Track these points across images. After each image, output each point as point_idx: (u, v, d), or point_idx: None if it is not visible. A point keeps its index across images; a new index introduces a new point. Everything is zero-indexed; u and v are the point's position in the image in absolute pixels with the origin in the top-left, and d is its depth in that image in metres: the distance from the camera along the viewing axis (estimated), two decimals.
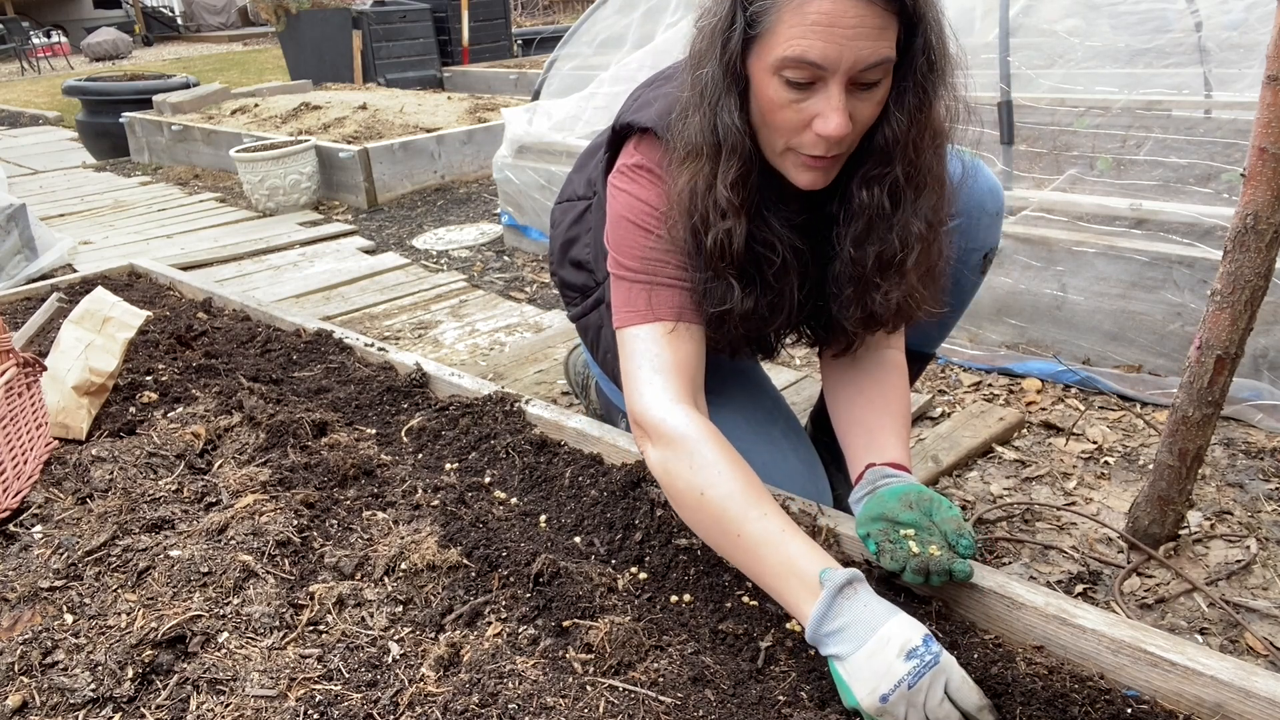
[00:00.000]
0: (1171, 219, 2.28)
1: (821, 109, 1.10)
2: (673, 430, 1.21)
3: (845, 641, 1.04)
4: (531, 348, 2.91)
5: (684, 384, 1.27)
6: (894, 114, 1.16)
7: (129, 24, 20.73)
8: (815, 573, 1.08)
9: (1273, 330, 2.09)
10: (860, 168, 1.22)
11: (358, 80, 9.30)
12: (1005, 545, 1.79)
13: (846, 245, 1.27)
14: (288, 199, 4.99)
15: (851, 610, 1.05)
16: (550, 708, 1.04)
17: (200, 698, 1.08)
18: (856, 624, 1.04)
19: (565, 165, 3.66)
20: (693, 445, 1.20)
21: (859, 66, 1.07)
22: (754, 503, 1.16)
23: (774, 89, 1.12)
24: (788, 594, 1.11)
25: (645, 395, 1.26)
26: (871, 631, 1.03)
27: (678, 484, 1.21)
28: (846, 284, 1.31)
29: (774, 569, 1.12)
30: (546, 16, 17.28)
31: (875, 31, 1.06)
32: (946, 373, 2.55)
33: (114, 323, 1.88)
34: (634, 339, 1.30)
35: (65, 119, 9.32)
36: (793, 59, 1.07)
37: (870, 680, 1.01)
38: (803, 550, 1.12)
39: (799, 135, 1.15)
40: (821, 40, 1.05)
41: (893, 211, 1.23)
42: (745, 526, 1.14)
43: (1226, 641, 1.51)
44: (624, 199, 1.32)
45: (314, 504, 1.48)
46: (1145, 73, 3.50)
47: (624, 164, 1.34)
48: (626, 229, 1.31)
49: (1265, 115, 1.38)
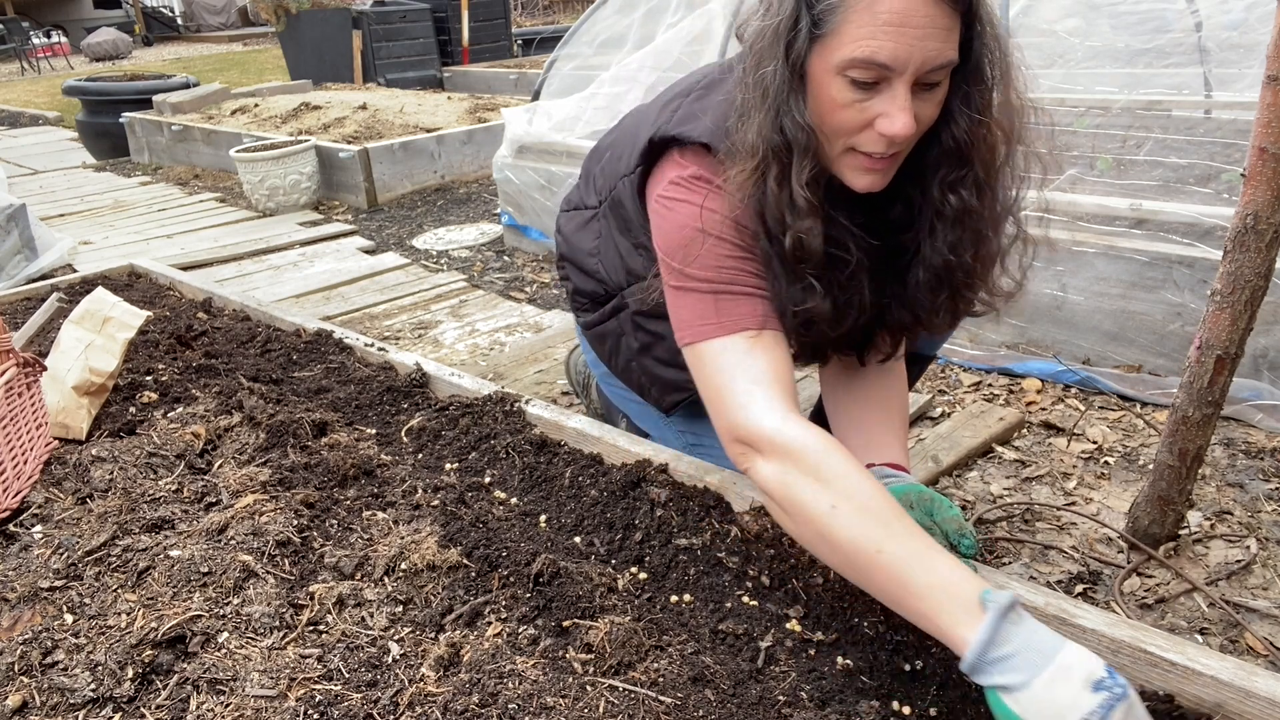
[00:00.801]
0: (1171, 219, 2.28)
1: (886, 109, 1.09)
2: (791, 441, 1.13)
3: (1016, 670, 0.94)
4: (531, 348, 2.91)
5: (786, 393, 1.19)
6: (960, 113, 1.15)
7: (129, 24, 20.73)
8: (974, 594, 0.99)
9: (1273, 330, 2.09)
10: (936, 173, 1.20)
11: (358, 80, 9.30)
12: (1005, 545, 1.79)
13: (940, 250, 1.24)
14: (288, 199, 4.99)
15: (1020, 635, 0.96)
16: (550, 708, 1.04)
17: (200, 698, 1.08)
18: (1028, 650, 0.94)
19: (565, 165, 3.66)
20: (818, 456, 1.11)
21: (927, 67, 1.07)
22: (896, 516, 1.07)
23: (837, 89, 1.10)
24: (941, 617, 1.00)
25: (750, 408, 1.17)
26: (1048, 659, 0.93)
27: (802, 498, 1.11)
28: (938, 289, 1.28)
29: (924, 590, 1.02)
30: (546, 16, 17.28)
31: (943, 32, 1.06)
32: (946, 373, 2.55)
33: (114, 323, 1.88)
34: (718, 352, 1.22)
35: (65, 119, 9.32)
36: (862, 60, 1.06)
37: (1051, 713, 0.91)
38: (954, 569, 1.02)
39: (860, 135, 1.13)
40: (892, 41, 1.04)
41: (983, 210, 1.22)
42: (888, 543, 1.04)
43: (1226, 641, 1.51)
44: (687, 210, 1.26)
45: (314, 504, 1.48)
46: (1145, 73, 3.50)
47: (679, 175, 1.28)
48: (697, 239, 1.24)
49: (1265, 115, 1.38)
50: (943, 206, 1.22)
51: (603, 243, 1.59)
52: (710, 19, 3.66)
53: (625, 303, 1.58)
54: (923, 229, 1.25)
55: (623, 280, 1.56)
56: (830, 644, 1.21)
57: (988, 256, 1.27)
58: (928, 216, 1.24)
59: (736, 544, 1.37)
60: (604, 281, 1.62)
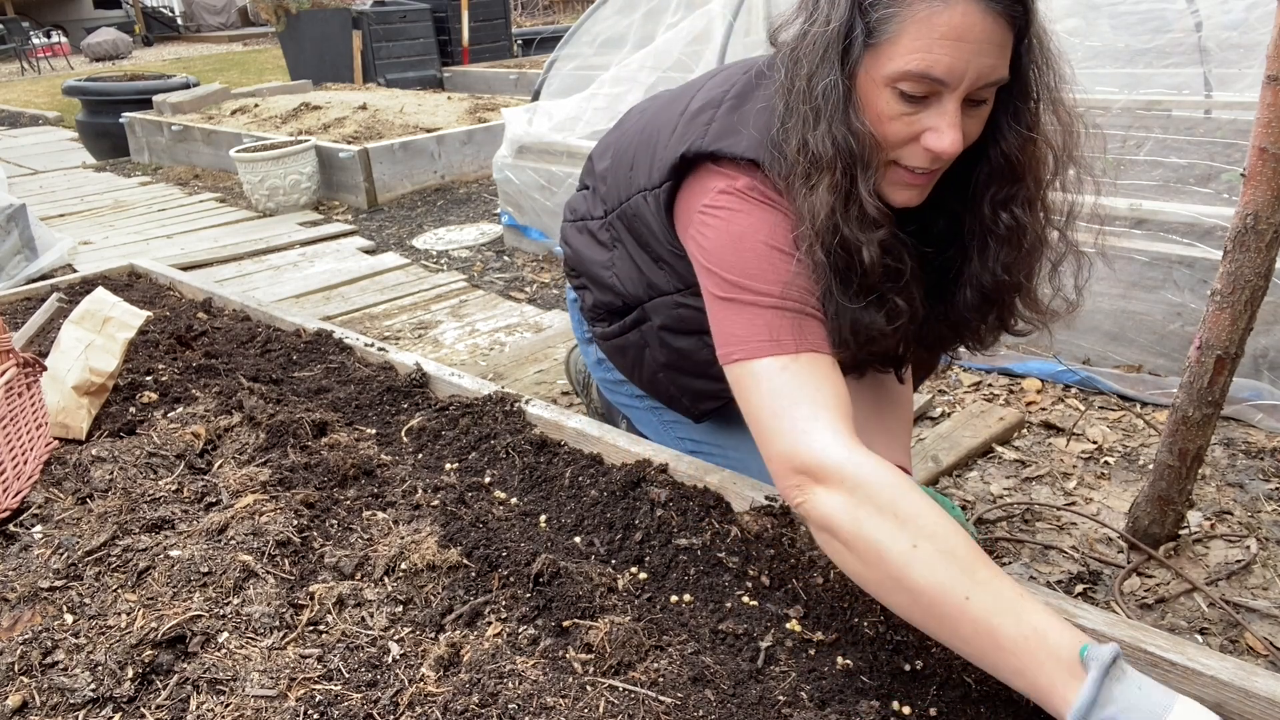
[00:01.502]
0: (1171, 219, 2.28)
1: (935, 124, 1.06)
2: (863, 473, 1.03)
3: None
4: (531, 348, 2.91)
5: (850, 421, 1.11)
6: (1009, 129, 1.13)
7: (129, 24, 20.73)
8: (1074, 649, 0.91)
9: (1273, 330, 2.09)
10: (987, 191, 1.18)
11: (358, 80, 9.30)
12: (1005, 545, 1.79)
13: (991, 269, 1.21)
14: (288, 199, 4.99)
15: (1126, 695, 0.89)
16: (550, 708, 1.04)
17: (200, 698, 1.08)
18: (1134, 710, 0.88)
19: (565, 165, 3.66)
20: (894, 492, 1.02)
21: (980, 83, 1.04)
22: (982, 561, 0.98)
23: (885, 101, 1.07)
24: (1037, 674, 0.92)
25: (813, 434, 1.08)
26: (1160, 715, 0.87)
27: (876, 536, 1.01)
28: (984, 309, 1.26)
29: (1017, 643, 0.93)
30: (546, 16, 17.29)
31: (998, 49, 1.04)
32: (946, 373, 2.55)
33: (114, 323, 1.88)
34: (775, 373, 1.13)
35: (65, 119, 9.33)
36: (917, 73, 1.03)
37: None
38: (1048, 620, 0.94)
39: (904, 149, 1.11)
40: (949, 55, 1.01)
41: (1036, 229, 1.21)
42: (974, 591, 0.95)
43: (1226, 641, 1.51)
44: (746, 220, 1.19)
45: (314, 504, 1.48)
46: (1145, 73, 3.50)
47: (731, 186, 1.22)
48: (761, 251, 1.17)
49: (1265, 115, 1.38)
50: (995, 225, 1.18)
51: (617, 255, 1.54)
52: (710, 19, 3.66)
53: (646, 316, 1.53)
54: (971, 247, 1.23)
55: (642, 293, 1.51)
56: (830, 644, 1.21)
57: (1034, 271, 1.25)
58: (977, 234, 1.21)
59: (736, 544, 1.37)
60: (621, 294, 1.56)
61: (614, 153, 1.53)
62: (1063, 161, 1.19)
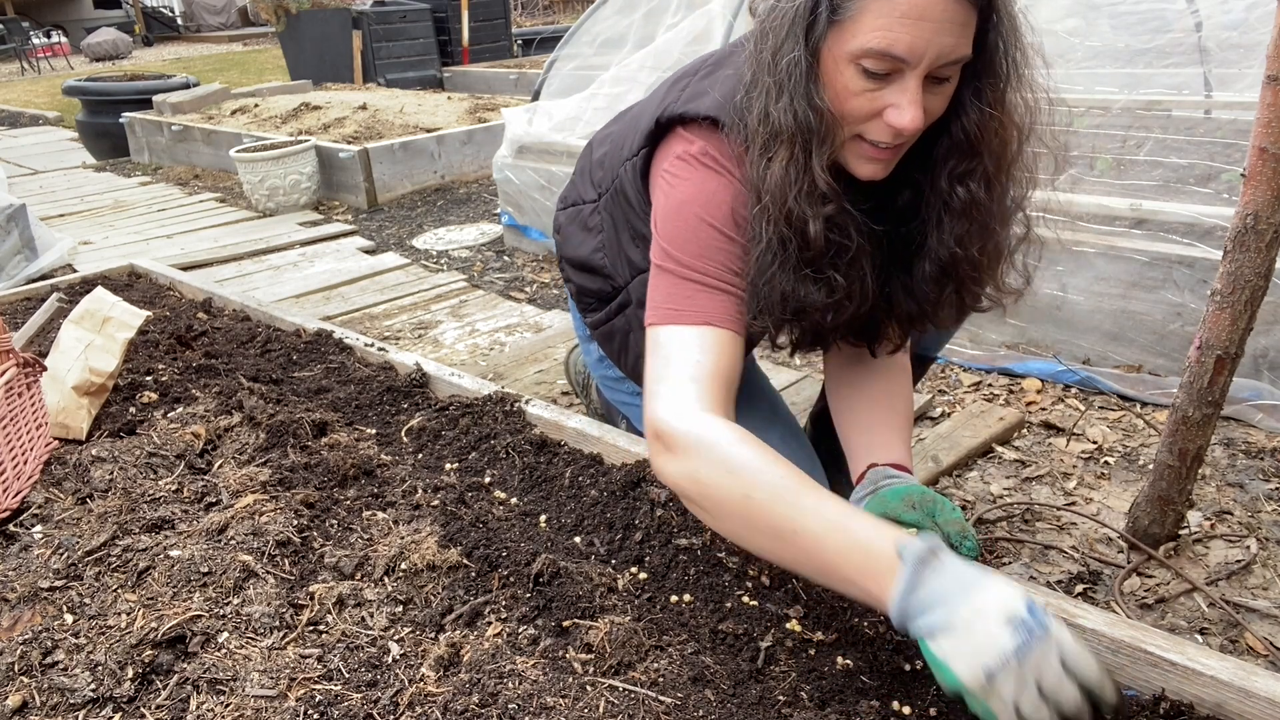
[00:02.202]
0: (1171, 219, 2.28)
1: (897, 100, 1.08)
2: (699, 437, 1.11)
3: (936, 614, 0.93)
4: (531, 348, 2.91)
5: (719, 396, 1.17)
6: (971, 106, 1.14)
7: (129, 24, 20.73)
8: (891, 548, 0.97)
9: (1273, 330, 2.09)
10: (946, 164, 1.20)
11: (358, 80, 9.30)
12: (1005, 545, 1.79)
13: (946, 243, 1.23)
14: (288, 199, 4.99)
15: (939, 580, 0.94)
16: (550, 708, 1.04)
17: (200, 698, 1.08)
18: (947, 593, 0.93)
19: (566, 165, 3.66)
20: (726, 449, 1.09)
21: (940, 61, 1.06)
22: (806, 491, 1.05)
23: (849, 77, 1.09)
24: (863, 579, 0.99)
25: (672, 403, 1.15)
26: (965, 599, 0.92)
27: (715, 493, 1.09)
28: (942, 282, 1.27)
29: (842, 554, 1.00)
30: (546, 16, 17.29)
31: (960, 27, 1.06)
32: (946, 373, 2.55)
33: (114, 323, 1.88)
34: (670, 340, 1.20)
35: (65, 119, 9.32)
36: (878, 50, 1.05)
37: (971, 655, 0.90)
38: (872, 528, 1.01)
39: (867, 124, 1.13)
40: (909, 34, 1.03)
41: (991, 204, 1.21)
42: (802, 519, 1.03)
43: (1226, 641, 1.51)
44: (688, 188, 1.23)
45: (314, 504, 1.48)
46: (1145, 73, 3.50)
47: (685, 151, 1.25)
48: (690, 221, 1.22)
49: (1265, 115, 1.38)
50: (950, 199, 1.20)
51: (606, 237, 1.57)
52: (710, 19, 3.66)
53: (630, 298, 1.55)
54: (930, 220, 1.24)
55: (627, 274, 1.54)
56: (830, 644, 1.21)
57: (995, 251, 1.26)
58: (935, 208, 1.23)
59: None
60: (610, 277, 1.59)
61: (612, 139, 1.56)
62: (1024, 140, 1.21)
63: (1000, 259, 1.28)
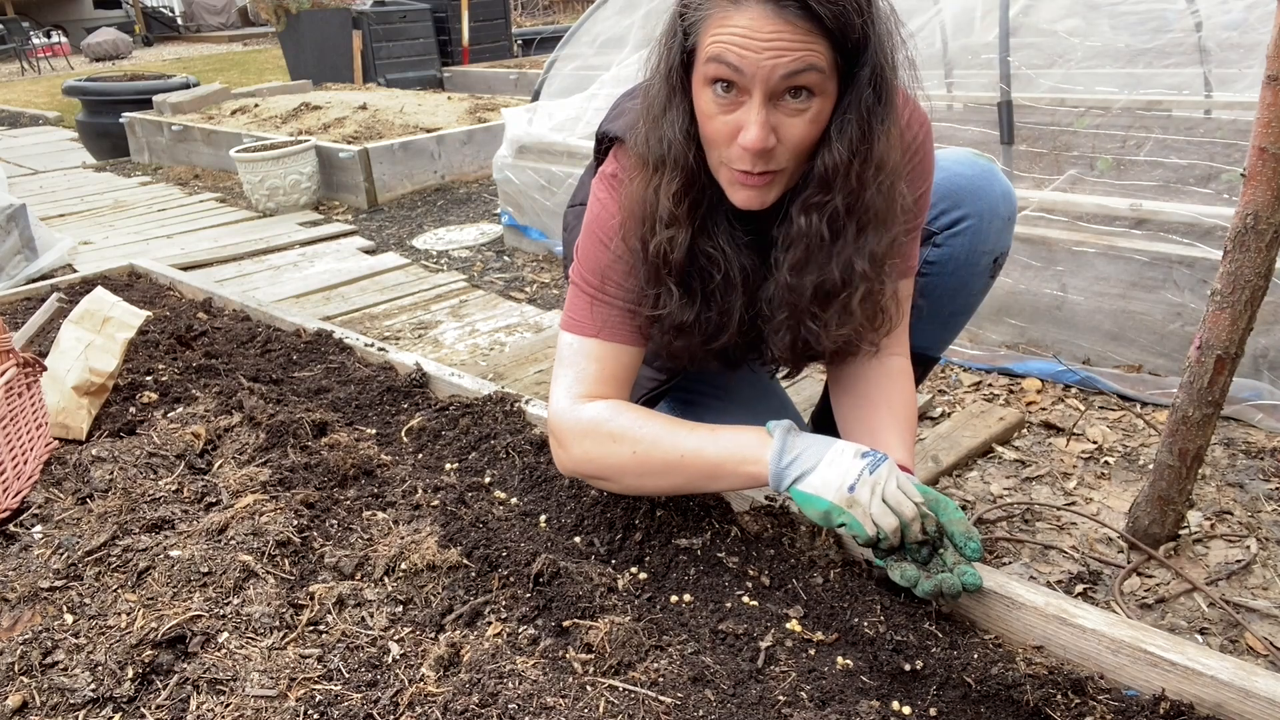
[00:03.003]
0: (1171, 219, 2.28)
1: (744, 119, 1.11)
2: (582, 422, 1.29)
3: (805, 463, 1.18)
4: (531, 348, 2.91)
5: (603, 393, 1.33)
6: (835, 142, 1.15)
7: (129, 24, 20.73)
8: (760, 431, 1.23)
9: (1273, 330, 2.09)
10: (801, 194, 1.21)
11: (358, 80, 9.30)
12: (1005, 545, 1.79)
13: (784, 271, 1.25)
14: (288, 199, 4.99)
15: (802, 441, 1.21)
16: (550, 708, 1.04)
17: (200, 698, 1.08)
18: (810, 448, 1.20)
19: (565, 166, 3.66)
20: (604, 423, 1.28)
21: (775, 77, 1.07)
22: (680, 428, 1.26)
23: (705, 100, 1.14)
24: (744, 464, 1.21)
25: (560, 403, 1.32)
26: (826, 447, 1.20)
27: (608, 461, 1.29)
28: (780, 309, 1.29)
29: (722, 455, 1.23)
30: (546, 16, 17.29)
31: (794, 44, 1.06)
32: (946, 373, 2.55)
33: (114, 323, 1.88)
34: (567, 345, 1.35)
35: (65, 119, 9.33)
36: (713, 58, 1.09)
37: (836, 479, 1.16)
38: (739, 430, 1.24)
39: (728, 149, 1.15)
40: (739, 48, 1.07)
41: (832, 242, 1.21)
42: (680, 445, 1.24)
43: (1226, 641, 1.51)
44: (596, 209, 1.34)
45: (314, 504, 1.48)
46: (1145, 73, 3.50)
47: (604, 171, 1.35)
48: (594, 242, 1.33)
49: (1265, 115, 1.38)
50: (791, 226, 1.22)
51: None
52: None
53: None
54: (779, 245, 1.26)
55: None
56: (830, 644, 1.21)
57: (831, 291, 1.24)
58: (784, 233, 1.25)
59: (736, 544, 1.37)
60: None
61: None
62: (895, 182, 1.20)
63: (834, 298, 1.25)
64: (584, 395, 1.32)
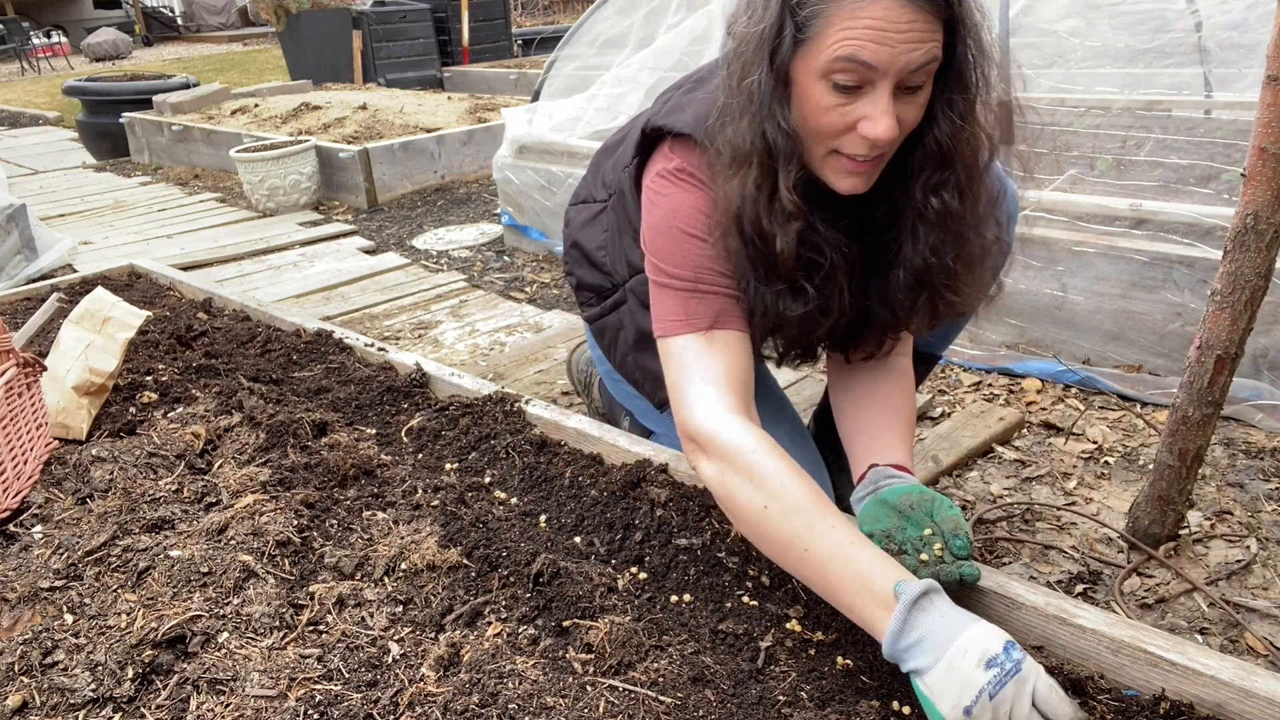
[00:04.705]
0: (1171, 219, 2.28)
1: (869, 112, 1.10)
2: (728, 442, 1.18)
3: (923, 655, 1.00)
4: (531, 348, 2.91)
5: (738, 395, 1.23)
6: (943, 117, 1.16)
7: (129, 24, 20.72)
8: (889, 586, 1.04)
9: (1273, 330, 2.09)
10: (920, 175, 1.22)
11: (358, 80, 9.30)
12: (1005, 545, 1.79)
13: (921, 252, 1.25)
14: (288, 199, 4.99)
15: (928, 622, 1.01)
16: (550, 708, 1.04)
17: (200, 698, 1.08)
18: (934, 635, 1.00)
19: (565, 166, 3.66)
20: (751, 458, 1.16)
21: (909, 69, 1.08)
22: (820, 514, 1.12)
23: (820, 93, 1.12)
24: (862, 610, 1.07)
25: (697, 408, 1.22)
26: (950, 641, 0.99)
27: (737, 499, 1.17)
28: (917, 290, 1.29)
29: (845, 584, 1.08)
30: (546, 16, 17.29)
31: (925, 34, 1.07)
32: (946, 373, 2.55)
33: (114, 323, 1.88)
34: (682, 349, 1.27)
35: (65, 119, 9.32)
36: (844, 58, 1.07)
37: (952, 693, 0.97)
38: (873, 562, 1.07)
39: (843, 138, 1.15)
40: (874, 43, 1.06)
41: (965, 214, 1.23)
42: (812, 542, 1.10)
43: (1226, 641, 1.51)
44: (669, 204, 1.29)
45: (314, 504, 1.48)
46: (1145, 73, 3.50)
47: (664, 168, 1.31)
48: (674, 236, 1.28)
49: (1265, 115, 1.38)
50: (925, 209, 1.23)
51: (610, 236, 1.61)
52: (711, 20, 3.66)
53: (625, 296, 1.59)
54: (904, 230, 1.27)
55: (625, 273, 1.57)
56: (830, 644, 1.21)
57: (969, 258, 1.28)
58: (910, 218, 1.25)
59: (736, 544, 1.37)
60: (610, 274, 1.63)
61: (620, 142, 1.61)
62: (997, 150, 1.23)
63: (974, 266, 1.30)
64: (720, 399, 1.22)
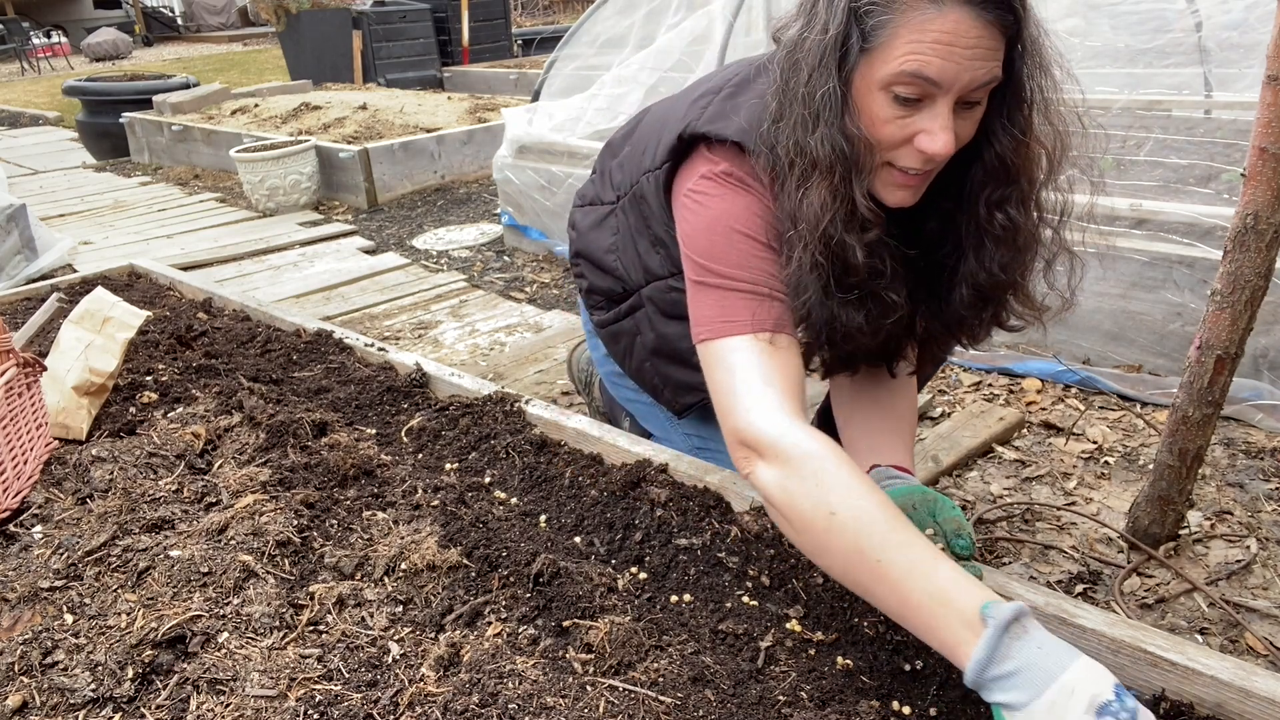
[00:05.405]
0: (1171, 219, 2.28)
1: (928, 126, 1.09)
2: (793, 447, 1.10)
3: (1018, 689, 0.89)
4: (531, 348, 2.91)
5: (795, 399, 1.17)
6: (1003, 132, 1.16)
7: (129, 24, 20.72)
8: (976, 606, 0.94)
9: (1273, 330, 2.09)
10: (983, 191, 1.21)
11: (358, 80, 9.30)
12: (1005, 545, 1.79)
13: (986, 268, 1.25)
14: (288, 199, 4.99)
15: (1024, 652, 0.91)
16: (550, 708, 1.04)
17: (200, 698, 1.08)
18: (1032, 668, 0.89)
19: (565, 166, 3.66)
20: (819, 463, 1.07)
21: (972, 86, 1.07)
22: (896, 525, 1.03)
23: (880, 104, 1.10)
24: (942, 631, 0.96)
25: (755, 410, 1.14)
26: (1051, 679, 0.88)
27: (802, 505, 1.07)
28: (982, 305, 1.30)
29: (923, 602, 0.98)
30: (546, 16, 17.29)
31: (990, 52, 1.07)
32: (946, 373, 2.55)
33: (114, 323, 1.88)
34: (732, 351, 1.20)
35: (65, 119, 9.32)
36: (910, 74, 1.06)
37: None
38: (957, 579, 0.97)
39: (898, 151, 1.14)
40: (940, 58, 1.04)
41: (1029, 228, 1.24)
42: (888, 552, 1.00)
43: (1226, 641, 1.51)
44: (720, 205, 1.25)
45: (314, 504, 1.48)
46: (1145, 73, 3.50)
47: (710, 170, 1.27)
48: (728, 235, 1.23)
49: (1265, 115, 1.38)
50: (990, 225, 1.22)
51: (621, 239, 1.58)
52: (711, 19, 3.66)
53: (642, 302, 1.57)
54: (967, 246, 1.26)
55: (640, 278, 1.55)
56: (830, 644, 1.21)
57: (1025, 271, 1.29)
58: (973, 234, 1.24)
59: (736, 544, 1.37)
60: (622, 279, 1.60)
61: (634, 140, 1.57)
62: (1056, 162, 1.22)
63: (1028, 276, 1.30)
64: (780, 403, 1.14)
